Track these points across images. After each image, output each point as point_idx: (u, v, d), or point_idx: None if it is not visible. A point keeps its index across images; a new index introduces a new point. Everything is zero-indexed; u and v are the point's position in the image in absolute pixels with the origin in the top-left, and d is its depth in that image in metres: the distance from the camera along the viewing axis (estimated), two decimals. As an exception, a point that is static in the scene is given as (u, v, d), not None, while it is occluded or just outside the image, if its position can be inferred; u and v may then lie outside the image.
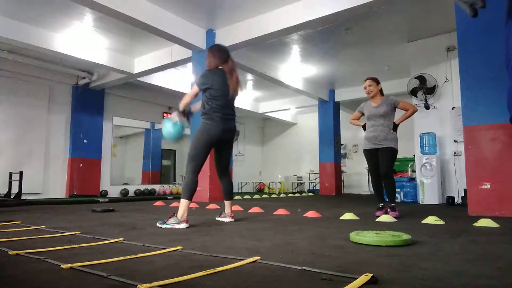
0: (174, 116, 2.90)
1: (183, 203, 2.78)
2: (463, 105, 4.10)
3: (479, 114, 3.92)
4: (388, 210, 3.64)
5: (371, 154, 3.74)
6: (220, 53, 3.08)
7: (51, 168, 8.39)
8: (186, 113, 2.96)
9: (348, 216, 3.49)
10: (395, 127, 3.69)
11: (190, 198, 2.80)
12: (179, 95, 9.83)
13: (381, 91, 3.87)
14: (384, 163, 3.64)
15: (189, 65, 7.40)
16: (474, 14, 0.95)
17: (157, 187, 10.59)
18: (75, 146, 8.77)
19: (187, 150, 2.99)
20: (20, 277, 1.29)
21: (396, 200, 6.74)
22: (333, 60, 8.47)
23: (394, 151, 3.65)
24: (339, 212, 3.89)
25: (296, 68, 9.00)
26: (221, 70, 3.02)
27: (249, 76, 9.50)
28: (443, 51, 6.59)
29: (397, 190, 6.89)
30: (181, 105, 2.92)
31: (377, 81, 3.87)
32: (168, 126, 2.88)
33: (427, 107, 6.59)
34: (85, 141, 8.97)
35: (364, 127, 3.91)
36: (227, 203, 3.18)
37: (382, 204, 3.74)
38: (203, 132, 2.90)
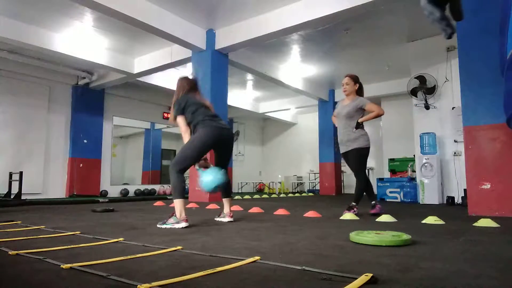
0: (202, 168, 2.93)
1: (177, 203, 2.78)
2: (463, 105, 4.10)
3: (479, 114, 3.92)
4: (346, 210, 3.72)
5: (344, 157, 3.87)
6: (190, 83, 3.16)
7: (51, 168, 8.39)
8: (204, 159, 3.00)
9: (348, 216, 3.49)
10: (357, 125, 3.69)
11: (182, 196, 2.79)
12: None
13: (360, 92, 3.84)
14: (352, 165, 3.77)
15: (189, 65, 7.40)
16: (448, 37, 1.01)
17: (157, 187, 10.59)
18: (75, 146, 8.77)
19: None
20: (20, 277, 1.29)
21: (396, 200, 6.80)
22: (333, 60, 8.47)
23: (360, 151, 3.68)
24: (339, 212, 3.88)
25: (296, 68, 9.00)
26: (191, 93, 3.10)
27: (249, 76, 9.50)
28: (443, 51, 6.59)
29: (397, 190, 6.90)
30: (194, 155, 2.86)
31: (355, 80, 3.81)
32: (206, 177, 2.82)
33: (427, 107, 6.59)
34: (85, 141, 8.97)
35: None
36: (225, 201, 3.18)
37: (374, 201, 3.82)
38: (202, 135, 2.89)
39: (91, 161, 9.07)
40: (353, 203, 3.77)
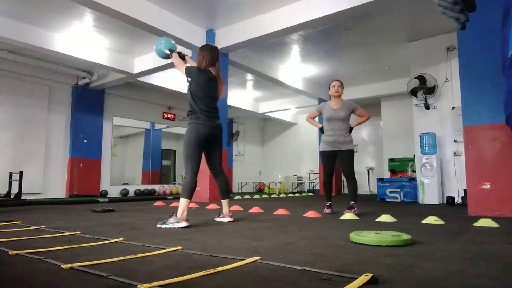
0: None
1: (182, 202, 2.81)
2: (463, 105, 4.10)
3: (479, 114, 3.92)
4: (347, 209, 3.80)
5: (329, 156, 4.00)
6: (211, 53, 3.11)
7: (51, 168, 8.38)
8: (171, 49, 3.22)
9: (348, 216, 3.49)
10: (351, 130, 4.01)
11: (189, 197, 2.84)
12: (179, 95, 9.93)
13: None
14: (347, 164, 3.94)
15: (189, 65, 7.40)
16: (462, 27, 0.96)
17: (157, 187, 10.59)
18: (75, 146, 8.77)
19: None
20: (20, 277, 1.29)
21: (396, 200, 6.80)
22: (333, 60, 8.47)
23: (351, 152, 3.96)
24: (339, 212, 3.89)
25: (296, 68, 9.00)
26: (208, 71, 3.07)
27: (249, 76, 9.50)
28: (443, 51, 6.59)
29: (397, 190, 6.90)
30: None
31: (343, 85, 4.21)
32: (159, 45, 3.19)
33: (427, 107, 6.59)
34: (85, 141, 8.97)
35: (321, 129, 4.13)
36: (224, 202, 3.19)
37: (330, 202, 4.02)
38: (192, 131, 2.94)
39: (91, 161, 9.07)
40: (352, 202, 3.84)
